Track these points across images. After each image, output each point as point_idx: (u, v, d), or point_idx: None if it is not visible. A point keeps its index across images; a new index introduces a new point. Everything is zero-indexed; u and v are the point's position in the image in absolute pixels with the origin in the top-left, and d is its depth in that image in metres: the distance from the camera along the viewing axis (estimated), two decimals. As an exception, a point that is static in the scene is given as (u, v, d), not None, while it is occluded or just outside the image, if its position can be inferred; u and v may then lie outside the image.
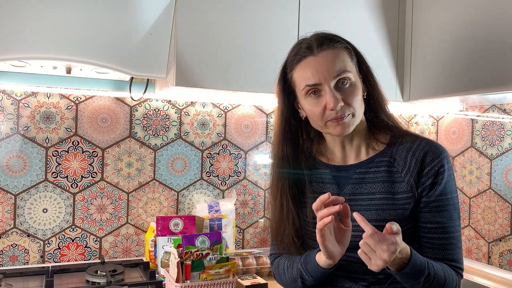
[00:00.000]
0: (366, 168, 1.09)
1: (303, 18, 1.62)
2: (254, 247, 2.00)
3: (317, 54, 1.02)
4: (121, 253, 1.80)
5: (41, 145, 1.67)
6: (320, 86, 1.02)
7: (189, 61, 1.47)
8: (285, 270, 1.14)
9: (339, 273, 1.09)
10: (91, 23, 1.39)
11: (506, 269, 1.74)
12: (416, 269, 0.95)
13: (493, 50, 1.44)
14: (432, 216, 1.05)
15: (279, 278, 1.19)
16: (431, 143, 1.07)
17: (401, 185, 1.05)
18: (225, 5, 1.52)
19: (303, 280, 1.08)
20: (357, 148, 1.12)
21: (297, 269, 1.09)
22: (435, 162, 1.04)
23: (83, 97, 1.73)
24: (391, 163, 1.07)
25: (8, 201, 1.64)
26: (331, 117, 1.02)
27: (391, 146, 1.09)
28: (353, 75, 1.04)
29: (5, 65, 1.50)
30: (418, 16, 1.77)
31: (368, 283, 1.06)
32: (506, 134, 1.75)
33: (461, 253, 1.07)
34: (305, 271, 1.06)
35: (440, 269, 1.01)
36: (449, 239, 1.05)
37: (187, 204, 1.89)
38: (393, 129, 1.12)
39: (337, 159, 1.14)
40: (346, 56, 1.04)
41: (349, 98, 1.02)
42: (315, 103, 1.04)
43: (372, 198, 1.06)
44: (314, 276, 1.05)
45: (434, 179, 1.04)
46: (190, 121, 1.88)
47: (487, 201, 1.82)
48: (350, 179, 1.09)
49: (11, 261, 1.65)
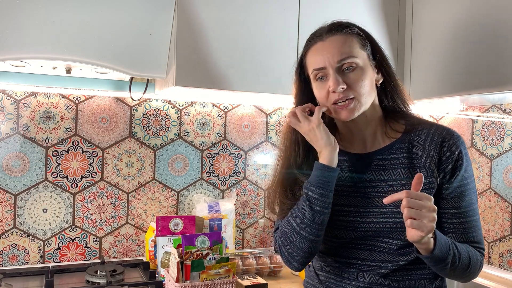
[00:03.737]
0: (385, 154, 1.09)
1: (303, 18, 1.62)
2: (254, 247, 2.00)
3: (325, 39, 1.05)
4: (121, 253, 1.80)
5: (41, 145, 1.67)
6: (325, 70, 1.04)
7: (189, 61, 1.47)
8: (290, 218, 1.07)
9: (360, 263, 1.07)
10: (91, 23, 1.39)
11: (506, 269, 1.74)
12: (443, 249, 0.95)
13: (493, 50, 1.44)
14: (454, 202, 1.05)
15: (285, 238, 1.07)
16: (447, 129, 1.08)
17: (422, 170, 1.05)
18: (225, 5, 1.52)
19: (310, 204, 1.01)
20: (373, 136, 1.11)
21: (303, 200, 1.04)
22: (453, 148, 1.05)
23: (83, 97, 1.73)
24: (409, 149, 1.07)
25: (8, 201, 1.64)
26: (334, 99, 1.03)
27: (408, 133, 1.10)
28: (361, 61, 1.04)
29: (5, 65, 1.50)
30: (418, 16, 1.76)
31: (389, 271, 1.05)
32: (506, 134, 1.75)
33: (481, 234, 1.08)
34: (309, 188, 1.02)
35: (464, 249, 1.01)
36: (471, 222, 1.06)
37: (187, 204, 1.89)
38: (408, 117, 1.12)
39: (353, 147, 1.13)
40: (355, 42, 1.05)
41: (354, 82, 1.03)
42: (322, 86, 1.05)
43: (394, 184, 1.06)
44: (319, 184, 1.01)
45: (454, 165, 1.04)
46: (190, 121, 1.88)
47: (487, 201, 1.82)
48: (370, 166, 1.09)
49: (11, 261, 1.65)
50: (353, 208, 1.07)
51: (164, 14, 1.47)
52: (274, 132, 2.02)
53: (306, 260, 1.06)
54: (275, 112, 2.02)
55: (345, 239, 1.08)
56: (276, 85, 1.59)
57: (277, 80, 1.59)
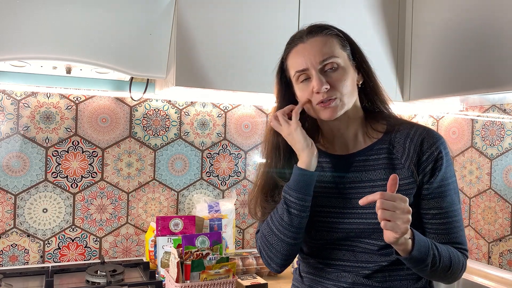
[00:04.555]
0: (366, 155, 1.09)
1: (303, 18, 1.62)
2: (254, 247, 2.00)
3: (306, 41, 1.06)
4: (121, 253, 1.80)
5: (41, 145, 1.67)
6: (307, 71, 1.04)
7: (189, 61, 1.47)
8: (269, 221, 1.08)
9: (342, 264, 1.08)
10: (91, 23, 1.39)
11: (506, 269, 1.74)
12: (422, 250, 0.95)
13: (493, 50, 1.44)
14: (435, 202, 1.06)
15: (264, 241, 1.09)
16: (428, 129, 1.09)
17: (402, 171, 1.05)
18: (225, 5, 1.52)
19: (288, 208, 1.02)
20: (354, 136, 1.12)
21: (281, 203, 1.05)
22: (433, 148, 1.05)
23: (83, 97, 1.73)
24: (390, 150, 1.08)
25: (8, 201, 1.64)
26: (318, 100, 1.03)
27: (389, 134, 1.10)
28: (342, 61, 1.05)
29: (5, 65, 1.50)
30: (418, 16, 1.76)
31: (371, 271, 1.06)
32: (506, 134, 1.75)
33: (464, 235, 1.09)
34: (288, 191, 1.03)
35: (445, 251, 1.02)
36: (452, 223, 1.06)
37: (187, 204, 1.89)
38: (389, 118, 1.13)
39: (335, 148, 1.14)
40: (335, 42, 1.06)
41: (336, 82, 1.03)
42: (305, 88, 1.06)
43: (374, 185, 1.06)
44: (297, 188, 1.02)
45: (433, 165, 1.05)
46: (190, 121, 1.88)
47: (487, 201, 1.82)
48: (351, 167, 1.10)
49: (11, 261, 1.65)
50: (334, 209, 1.07)
51: (164, 14, 1.47)
52: (274, 132, 2.02)
53: (285, 262, 1.08)
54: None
55: (327, 240, 1.08)
56: (276, 85, 1.59)
57: (277, 80, 1.58)
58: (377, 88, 1.13)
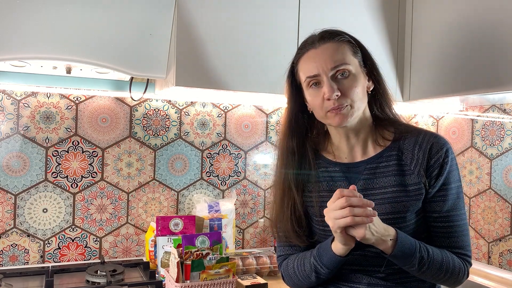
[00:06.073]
0: (376, 163, 1.10)
1: (303, 18, 1.62)
2: (254, 247, 2.00)
3: (317, 47, 1.06)
4: (121, 253, 1.80)
5: (41, 145, 1.67)
6: (319, 77, 1.05)
7: (189, 61, 1.47)
8: (296, 268, 1.13)
9: (355, 268, 1.09)
10: (91, 23, 1.39)
11: (506, 269, 1.74)
12: (406, 251, 0.98)
13: (493, 50, 1.44)
14: (436, 205, 1.07)
15: (289, 279, 1.18)
16: (435, 135, 1.10)
17: (411, 177, 1.07)
18: (225, 5, 1.52)
19: (318, 275, 1.07)
20: (364, 143, 1.13)
21: (310, 264, 1.08)
22: (440, 153, 1.06)
23: (83, 97, 1.73)
24: (399, 156, 1.09)
25: (8, 201, 1.64)
26: (330, 107, 1.04)
27: (397, 141, 1.11)
28: (354, 68, 1.06)
29: (5, 65, 1.50)
30: (418, 16, 1.76)
31: (385, 275, 1.08)
32: (506, 134, 1.75)
33: (467, 241, 1.09)
34: (319, 264, 1.06)
35: (438, 254, 1.03)
36: (453, 227, 1.08)
37: (187, 204, 1.89)
38: (397, 124, 1.14)
39: (345, 156, 1.14)
40: (346, 49, 1.06)
41: (347, 89, 1.04)
42: (316, 94, 1.07)
43: (385, 192, 1.07)
44: (330, 267, 1.04)
45: (439, 170, 1.06)
46: (190, 121, 1.88)
47: (487, 201, 1.82)
48: (361, 174, 1.10)
49: (11, 261, 1.65)
50: None
51: (164, 14, 1.47)
52: (274, 132, 2.02)
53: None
54: (275, 112, 2.02)
55: None
56: (276, 85, 1.58)
57: (277, 80, 1.58)
58: (386, 95, 1.14)
